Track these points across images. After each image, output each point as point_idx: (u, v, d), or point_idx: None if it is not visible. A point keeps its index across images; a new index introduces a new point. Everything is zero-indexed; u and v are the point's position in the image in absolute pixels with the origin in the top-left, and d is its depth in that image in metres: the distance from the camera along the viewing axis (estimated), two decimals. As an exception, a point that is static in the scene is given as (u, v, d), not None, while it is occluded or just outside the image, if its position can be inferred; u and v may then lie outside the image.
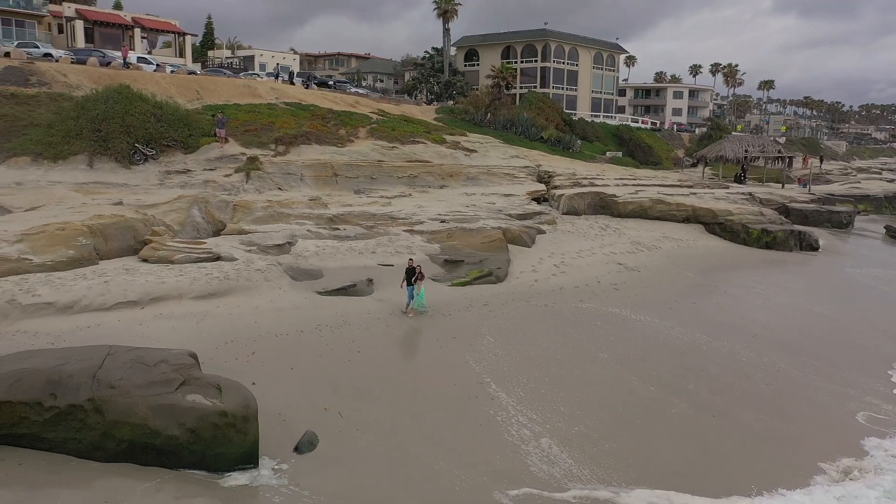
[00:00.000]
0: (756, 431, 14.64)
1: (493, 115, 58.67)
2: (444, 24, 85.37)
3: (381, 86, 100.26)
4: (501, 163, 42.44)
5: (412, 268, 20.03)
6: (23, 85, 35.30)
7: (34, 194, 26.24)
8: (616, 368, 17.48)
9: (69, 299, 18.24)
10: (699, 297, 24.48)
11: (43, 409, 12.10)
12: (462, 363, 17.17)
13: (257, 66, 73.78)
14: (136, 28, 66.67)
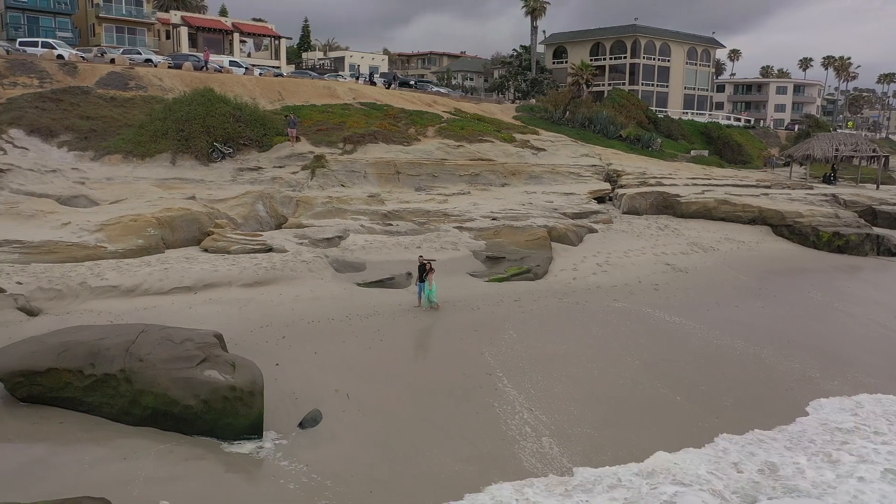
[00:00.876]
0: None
1: (571, 113, 58.53)
2: (532, 22, 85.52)
3: (470, 84, 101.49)
4: (569, 161, 42.52)
5: (423, 264, 20.82)
6: (122, 89, 38.83)
7: (120, 189, 29.05)
8: (636, 370, 17.33)
9: (132, 283, 20.37)
10: (744, 300, 23.99)
11: (83, 377, 13.87)
12: (477, 355, 17.89)
13: (347, 67, 76.73)
14: (235, 33, 70.87)
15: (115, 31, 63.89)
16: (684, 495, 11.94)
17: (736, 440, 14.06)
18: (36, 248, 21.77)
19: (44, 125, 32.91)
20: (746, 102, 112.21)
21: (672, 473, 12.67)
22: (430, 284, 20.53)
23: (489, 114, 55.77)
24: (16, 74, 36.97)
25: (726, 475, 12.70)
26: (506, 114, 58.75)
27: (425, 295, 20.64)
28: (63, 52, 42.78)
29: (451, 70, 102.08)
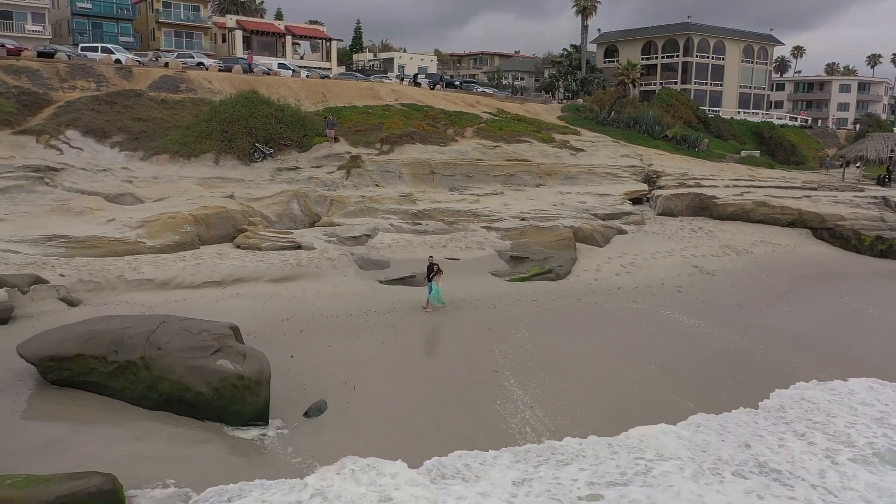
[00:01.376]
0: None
1: (617, 113, 58.11)
2: (582, 22, 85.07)
3: (521, 84, 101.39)
4: (607, 162, 42.34)
5: (431, 265, 21.22)
6: (173, 91, 40.61)
7: (165, 187, 30.52)
8: (646, 372, 17.31)
9: (166, 277, 21.54)
10: (770, 304, 23.65)
11: (107, 363, 14.88)
12: (487, 352, 18.29)
13: (396, 69, 77.82)
14: (287, 36, 72.75)
15: (173, 36, 66.57)
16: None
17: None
18: (80, 242, 23.22)
19: (98, 126, 34.77)
20: (807, 101, 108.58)
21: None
22: (437, 284, 20.90)
23: (533, 114, 55.88)
24: (75, 78, 39.14)
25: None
26: (550, 114, 58.75)
27: (432, 294, 21.00)
28: (121, 56, 44.97)
29: (502, 70, 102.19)
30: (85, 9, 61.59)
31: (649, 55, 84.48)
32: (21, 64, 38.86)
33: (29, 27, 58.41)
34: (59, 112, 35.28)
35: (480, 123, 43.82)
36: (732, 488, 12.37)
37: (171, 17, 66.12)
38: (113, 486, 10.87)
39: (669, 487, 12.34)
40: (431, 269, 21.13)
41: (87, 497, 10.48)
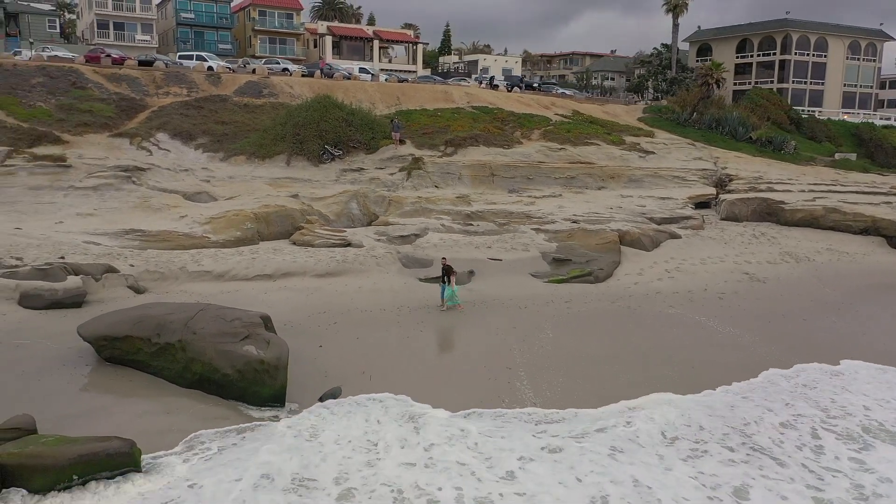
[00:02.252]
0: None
1: (699, 114, 56.66)
2: (673, 20, 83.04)
3: (610, 84, 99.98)
4: (677, 165, 41.62)
5: (446, 266, 21.87)
6: (256, 96, 43.31)
7: (238, 186, 32.84)
8: (661, 375, 17.42)
9: (222, 269, 23.46)
10: (816, 314, 22.92)
11: (151, 344, 16.67)
12: (506, 350, 18.92)
13: (480, 71, 78.79)
14: (375, 40, 75.21)
15: (268, 42, 70.34)
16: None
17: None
18: (153, 236, 25.61)
19: (185, 129, 37.71)
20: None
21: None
22: (451, 286, 21.52)
23: (612, 115, 55.42)
24: (169, 85, 42.49)
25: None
26: (631, 115, 58.00)
27: (446, 295, 21.63)
28: (213, 63, 48.29)
29: (591, 70, 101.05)
30: (188, 19, 66.20)
31: (744, 53, 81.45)
32: (122, 72, 42.60)
33: (138, 37, 63.53)
34: (152, 116, 38.51)
35: (549, 126, 44.08)
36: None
37: (265, 25, 69.90)
38: (130, 450, 12.40)
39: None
40: (446, 270, 21.80)
41: (105, 457, 12.06)
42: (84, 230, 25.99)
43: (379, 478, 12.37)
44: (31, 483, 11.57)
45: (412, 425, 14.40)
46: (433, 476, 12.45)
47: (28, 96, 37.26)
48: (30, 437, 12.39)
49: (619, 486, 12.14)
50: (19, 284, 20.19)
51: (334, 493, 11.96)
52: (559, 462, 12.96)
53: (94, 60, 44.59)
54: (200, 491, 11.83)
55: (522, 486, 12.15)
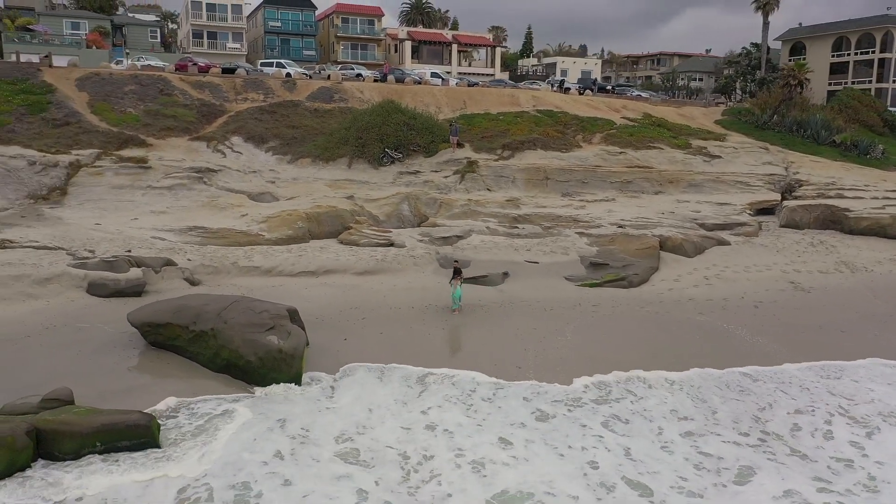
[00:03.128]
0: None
1: (780, 116, 54.63)
2: (763, 18, 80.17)
3: (697, 85, 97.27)
4: (743, 169, 40.52)
5: (456, 269, 22.44)
6: (327, 101, 45.40)
7: (299, 187, 34.76)
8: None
9: (270, 265, 25.18)
10: (857, 326, 22.07)
11: (188, 331, 18.37)
12: (521, 350, 19.48)
13: (558, 73, 78.63)
14: (453, 44, 76.56)
15: (350, 48, 73.09)
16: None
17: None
18: (213, 233, 27.70)
19: (258, 133, 40.14)
20: None
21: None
22: (455, 288, 21.99)
23: (688, 118, 54.40)
24: (247, 91, 45.23)
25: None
26: (708, 118, 56.68)
27: (453, 296, 22.13)
28: (291, 70, 50.89)
29: (678, 71, 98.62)
30: (275, 27, 69.72)
31: (840, 52, 77.55)
32: (206, 79, 45.70)
33: (229, 45, 67.57)
34: (229, 121, 41.21)
35: (611, 129, 43.87)
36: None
37: (348, 32, 72.66)
38: (148, 423, 13.96)
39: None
40: (455, 272, 22.37)
41: (125, 428, 13.66)
42: (154, 226, 28.44)
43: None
44: (61, 446, 13.29)
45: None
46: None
47: (120, 102, 40.71)
48: (66, 406, 14.18)
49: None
50: (88, 274, 22.53)
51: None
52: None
53: (183, 69, 48.04)
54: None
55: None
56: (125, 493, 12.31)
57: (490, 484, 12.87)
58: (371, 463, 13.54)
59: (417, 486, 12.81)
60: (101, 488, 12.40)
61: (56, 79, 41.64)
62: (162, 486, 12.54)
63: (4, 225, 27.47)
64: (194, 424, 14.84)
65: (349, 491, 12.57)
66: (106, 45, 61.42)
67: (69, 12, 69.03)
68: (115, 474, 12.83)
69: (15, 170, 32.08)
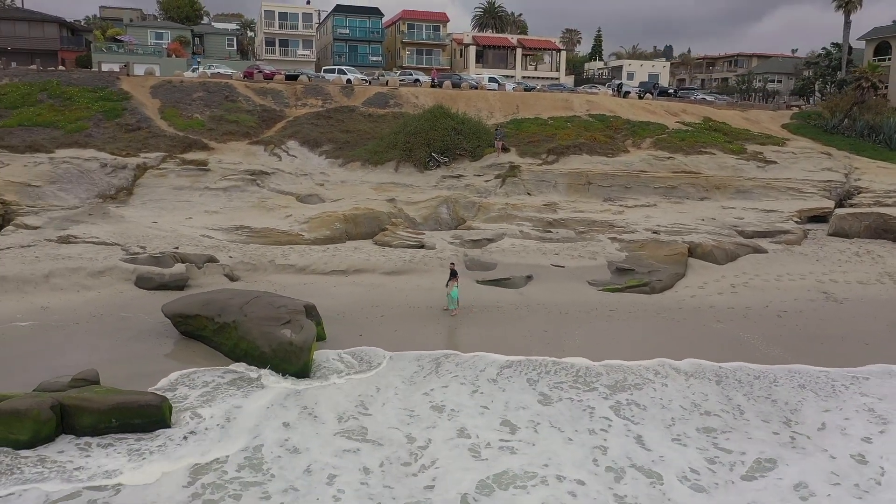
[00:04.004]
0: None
1: (850, 120, 52.50)
2: (845, 17, 76.65)
3: (775, 87, 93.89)
4: (798, 176, 39.35)
5: (453, 271, 22.92)
6: (381, 106, 46.91)
7: (345, 189, 36.25)
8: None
9: (304, 263, 26.61)
10: (884, 339, 21.41)
11: (214, 323, 19.87)
12: (525, 353, 20.03)
13: (624, 76, 77.75)
14: (518, 49, 76.99)
15: (415, 53, 74.71)
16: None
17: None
18: (257, 233, 29.43)
19: (313, 137, 42.00)
20: None
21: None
22: (450, 289, 22.48)
23: (753, 122, 53.18)
24: (307, 97, 47.28)
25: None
26: (775, 122, 55.18)
27: (450, 297, 22.59)
28: (350, 76, 52.75)
29: (754, 73, 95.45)
30: (344, 34, 72.10)
31: (932, 50, 73.14)
32: (269, 86, 48.04)
33: (300, 52, 70.33)
34: (287, 126, 43.27)
35: (662, 134, 43.42)
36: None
37: (413, 38, 74.27)
38: (160, 404, 15.36)
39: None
40: (451, 273, 22.92)
41: (137, 408, 15.08)
42: (205, 225, 30.45)
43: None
44: (81, 421, 14.85)
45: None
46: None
47: (188, 108, 43.45)
48: (91, 386, 15.79)
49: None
50: (136, 268, 24.55)
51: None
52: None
53: (249, 76, 50.63)
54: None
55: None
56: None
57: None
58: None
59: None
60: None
61: (132, 87, 44.85)
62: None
63: (72, 221, 30.05)
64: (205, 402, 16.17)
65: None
66: (185, 54, 65.20)
67: (153, 23, 73.60)
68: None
69: (88, 171, 34.91)
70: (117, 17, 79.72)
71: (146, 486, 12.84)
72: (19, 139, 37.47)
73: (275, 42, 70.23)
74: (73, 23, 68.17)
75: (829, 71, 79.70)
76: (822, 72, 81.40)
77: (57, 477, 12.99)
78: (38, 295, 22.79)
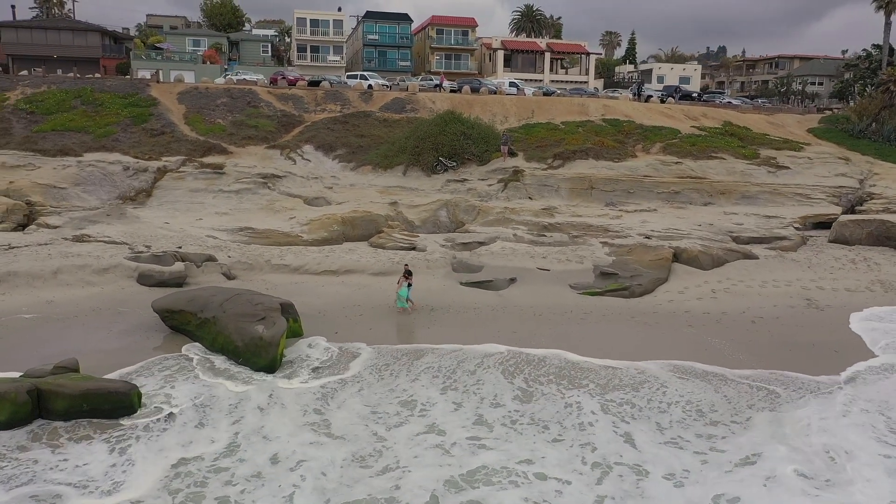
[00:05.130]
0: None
1: (878, 124, 51.37)
2: (885, 18, 74.64)
3: (815, 90, 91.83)
4: (810, 181, 38.89)
5: (407, 270, 23.70)
6: (398, 111, 48.01)
7: (352, 192, 37.42)
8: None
9: (298, 264, 27.80)
10: (855, 352, 21.45)
11: (196, 318, 21.16)
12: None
13: (654, 80, 77.25)
14: (546, 53, 77.28)
15: (443, 58, 75.72)
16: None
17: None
18: (259, 234, 30.79)
19: (328, 142, 43.35)
20: None
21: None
22: (399, 287, 23.38)
23: (777, 126, 52.61)
24: (327, 102, 48.73)
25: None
26: (801, 126, 54.44)
27: (399, 295, 23.46)
28: (372, 82, 54.05)
29: (793, 75, 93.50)
30: (373, 40, 73.61)
31: (978, 52, 70.82)
32: (291, 92, 49.67)
33: (330, 58, 72.12)
34: (304, 130, 44.75)
35: (673, 139, 43.36)
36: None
37: (442, 43, 75.32)
38: (129, 392, 16.61)
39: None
40: (405, 273, 23.71)
41: (105, 394, 16.34)
42: (212, 226, 31.98)
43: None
44: (55, 405, 16.19)
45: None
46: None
47: (211, 114, 45.33)
48: (69, 374, 17.17)
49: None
50: (139, 266, 26.11)
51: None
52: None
53: (274, 82, 52.38)
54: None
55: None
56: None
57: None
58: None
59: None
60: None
61: (161, 93, 47.00)
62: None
63: (90, 221, 31.95)
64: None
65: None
66: (219, 61, 67.62)
67: (191, 31, 76.45)
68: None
69: (111, 174, 36.93)
70: (161, 24, 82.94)
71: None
72: (52, 143, 39.80)
73: (306, 48, 72.16)
74: (114, 31, 71.42)
75: (869, 73, 77.84)
76: (861, 74, 79.54)
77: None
78: (45, 289, 24.50)
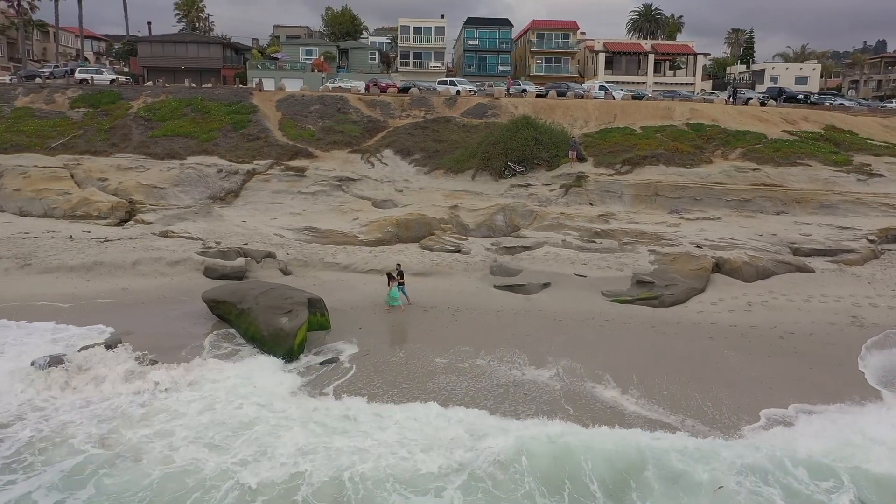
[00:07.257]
0: None
1: None
2: None
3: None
4: (904, 191, 36.13)
5: (400, 271, 24.38)
6: (479, 117, 49.17)
7: (418, 196, 38.98)
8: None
9: (347, 262, 29.68)
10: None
11: (236, 308, 23.43)
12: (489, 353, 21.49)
13: (767, 80, 73.25)
14: (650, 54, 75.51)
15: (544, 62, 75.94)
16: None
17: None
18: (321, 233, 33.02)
19: (406, 147, 45.25)
20: None
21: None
22: (389, 288, 24.23)
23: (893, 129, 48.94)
24: (411, 108, 50.71)
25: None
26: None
27: (389, 296, 24.31)
28: (460, 87, 55.47)
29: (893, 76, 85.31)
30: (474, 46, 75.12)
31: None
32: (380, 98, 52.09)
33: (431, 64, 74.38)
34: (386, 136, 46.92)
35: (756, 144, 41.52)
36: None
37: (542, 47, 75.55)
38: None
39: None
40: (401, 274, 24.45)
41: (134, 370, 18.86)
42: (282, 225, 34.62)
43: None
44: (94, 377, 18.87)
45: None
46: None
47: (304, 120, 48.56)
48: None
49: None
50: (205, 260, 28.98)
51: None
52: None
53: (367, 89, 55.09)
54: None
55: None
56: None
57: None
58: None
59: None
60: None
61: (261, 101, 50.90)
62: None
63: (179, 219, 35.56)
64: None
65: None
66: (328, 69, 71.66)
67: (305, 41, 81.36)
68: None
69: (205, 175, 40.71)
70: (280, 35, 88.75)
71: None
72: (161, 147, 44.35)
73: (409, 55, 74.84)
74: (236, 43, 77.48)
75: None
76: None
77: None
78: (124, 278, 27.84)
